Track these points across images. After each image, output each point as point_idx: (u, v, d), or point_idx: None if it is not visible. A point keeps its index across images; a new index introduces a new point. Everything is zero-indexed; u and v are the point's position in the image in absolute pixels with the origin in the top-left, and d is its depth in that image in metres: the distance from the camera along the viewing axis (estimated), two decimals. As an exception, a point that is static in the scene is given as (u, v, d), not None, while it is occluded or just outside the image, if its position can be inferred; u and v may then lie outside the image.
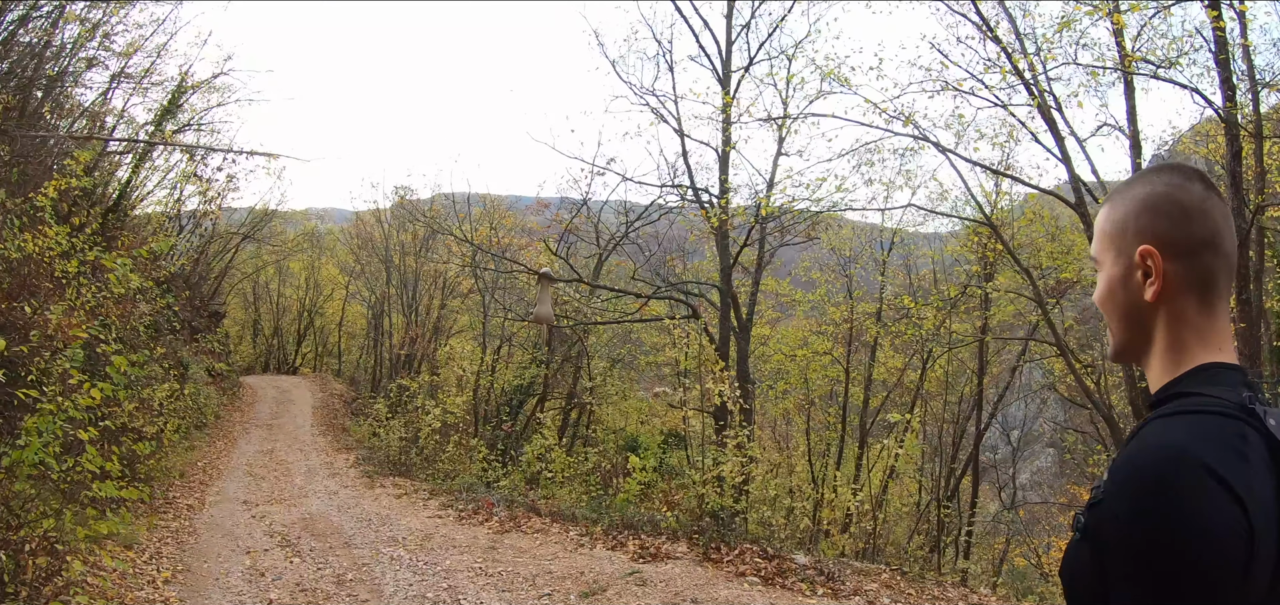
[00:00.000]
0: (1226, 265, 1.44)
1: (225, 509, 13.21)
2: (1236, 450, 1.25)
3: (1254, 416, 1.29)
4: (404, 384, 20.69)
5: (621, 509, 12.36)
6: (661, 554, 10.33)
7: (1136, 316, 1.48)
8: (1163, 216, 1.45)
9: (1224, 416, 1.29)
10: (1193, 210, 1.43)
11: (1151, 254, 1.43)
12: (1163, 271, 1.43)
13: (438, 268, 28.78)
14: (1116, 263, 1.50)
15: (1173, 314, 1.44)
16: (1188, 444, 1.26)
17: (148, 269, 18.92)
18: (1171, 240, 1.43)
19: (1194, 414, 1.31)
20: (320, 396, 29.00)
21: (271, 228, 33.22)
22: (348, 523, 12.47)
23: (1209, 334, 1.43)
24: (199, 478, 15.53)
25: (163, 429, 13.96)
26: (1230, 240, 1.45)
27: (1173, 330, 1.44)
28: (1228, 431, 1.27)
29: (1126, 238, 1.48)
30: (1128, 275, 1.48)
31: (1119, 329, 1.53)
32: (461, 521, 12.44)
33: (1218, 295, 1.44)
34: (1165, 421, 1.33)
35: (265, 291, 38.90)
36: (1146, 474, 1.26)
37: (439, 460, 17.45)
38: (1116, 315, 1.52)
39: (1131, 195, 1.50)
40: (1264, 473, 1.25)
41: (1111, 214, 1.53)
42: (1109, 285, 1.52)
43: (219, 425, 21.63)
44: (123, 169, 21.68)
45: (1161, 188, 1.47)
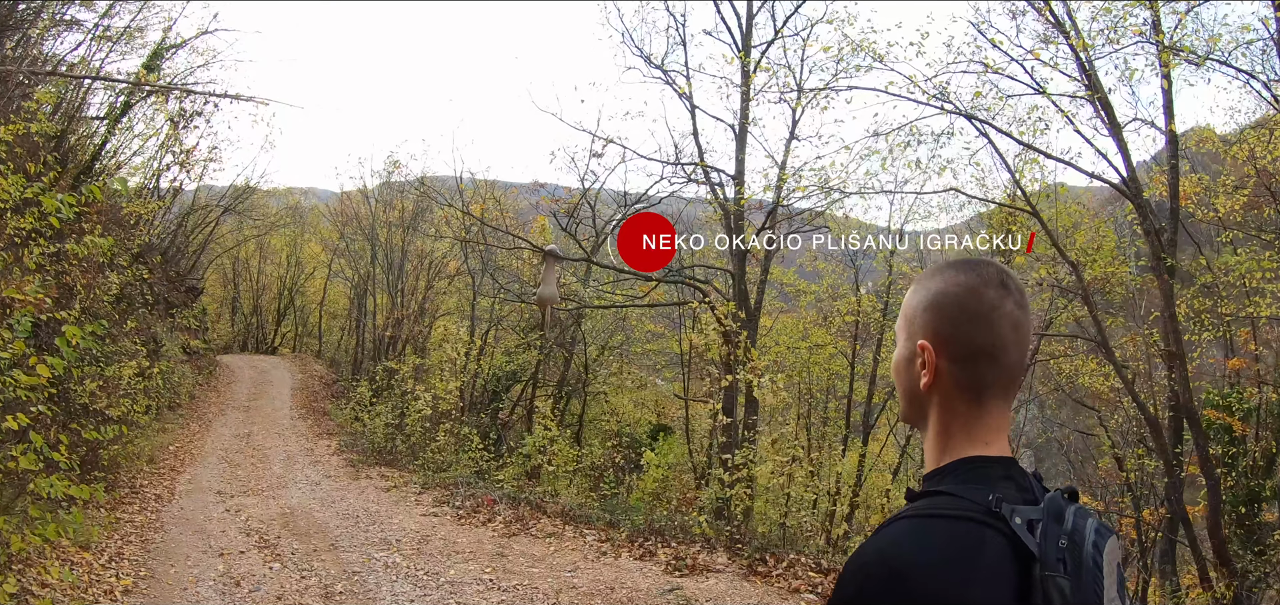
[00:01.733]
0: (1004, 373, 1.44)
1: (197, 500, 11.74)
2: (964, 557, 1.27)
3: (999, 518, 1.29)
4: (391, 367, 19.20)
5: (638, 510, 11.00)
6: (700, 566, 8.99)
7: (913, 398, 1.50)
8: (946, 318, 1.45)
9: (964, 521, 1.30)
10: (979, 316, 1.43)
11: (926, 349, 1.45)
12: (935, 367, 1.45)
13: (425, 246, 27.21)
14: (904, 345, 1.52)
15: (943, 405, 1.45)
16: (904, 553, 1.28)
17: (120, 236, 17.35)
18: (947, 340, 1.44)
19: (929, 518, 1.33)
20: (300, 378, 27.40)
21: (253, 202, 31.48)
22: (333, 520, 11.03)
23: (976, 429, 1.43)
24: (169, 464, 14.03)
25: (129, 411, 12.41)
26: (1016, 348, 1.45)
27: (942, 419, 1.46)
28: (958, 537, 1.29)
29: (913, 326, 1.50)
30: (910, 360, 1.50)
31: (903, 401, 1.55)
32: (461, 521, 11.02)
33: (991, 397, 1.44)
34: (900, 524, 1.33)
35: (245, 268, 37.09)
36: (858, 575, 1.30)
37: (427, 449, 15.98)
38: (901, 390, 1.55)
39: (929, 287, 1.50)
40: (999, 575, 1.26)
41: (911, 298, 1.53)
42: (897, 360, 1.54)
43: (193, 406, 20.05)
44: (98, 133, 19.99)
45: (954, 289, 1.46)
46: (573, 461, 14.55)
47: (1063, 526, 1.31)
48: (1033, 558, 1.27)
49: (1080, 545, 1.29)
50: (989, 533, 1.29)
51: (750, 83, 16.27)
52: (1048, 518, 1.31)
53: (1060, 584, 1.26)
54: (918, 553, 1.27)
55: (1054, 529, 1.30)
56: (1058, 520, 1.31)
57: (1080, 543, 1.29)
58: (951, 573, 1.25)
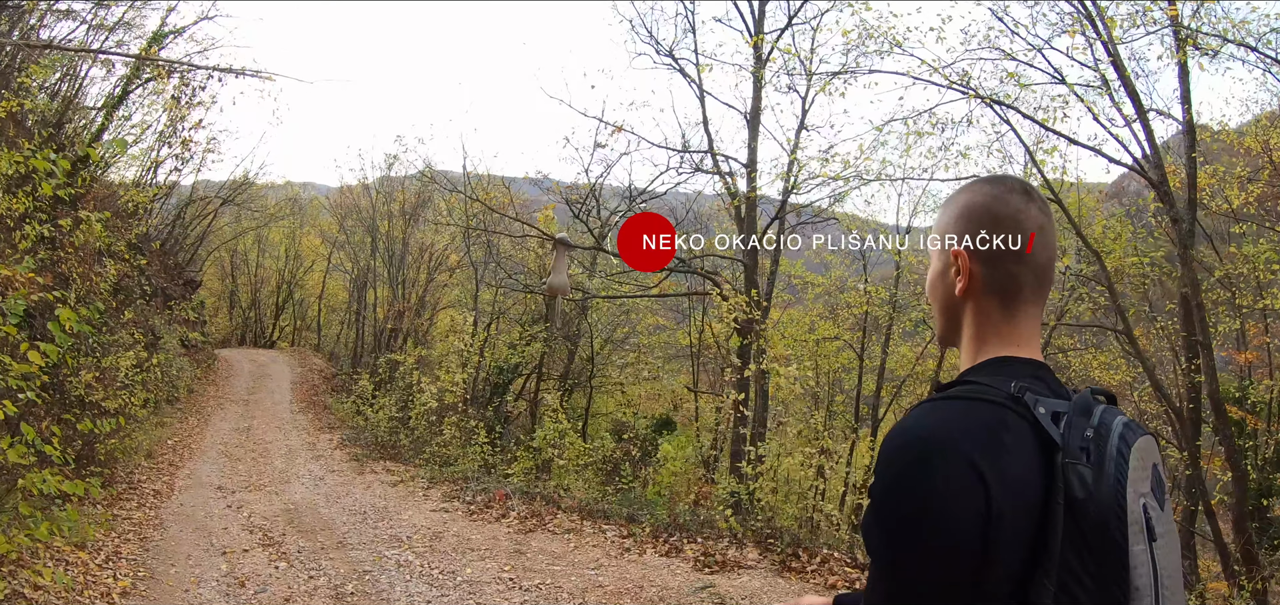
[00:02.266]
0: (1032, 273, 1.48)
1: (197, 496, 11.22)
2: (990, 435, 1.27)
3: (1022, 405, 1.31)
4: (394, 359, 18.66)
5: (657, 504, 10.50)
6: (730, 562, 8.48)
7: (949, 308, 1.54)
8: (975, 223, 1.49)
9: (986, 403, 1.32)
10: (1005, 220, 1.48)
11: (960, 255, 1.50)
12: (969, 272, 1.49)
13: (427, 238, 26.67)
14: (938, 259, 1.57)
15: (977, 310, 1.49)
16: (935, 428, 1.30)
17: (117, 225, 16.79)
18: (981, 247, 1.48)
19: (956, 400, 1.35)
20: (299, 372, 26.82)
21: (251, 194, 30.83)
22: (339, 516, 10.51)
23: (1008, 331, 1.47)
24: (168, 458, 13.51)
25: (127, 403, 11.87)
26: (1044, 251, 1.48)
27: (976, 324, 1.49)
28: (984, 417, 1.30)
29: (950, 234, 1.52)
30: (944, 271, 1.54)
31: (938, 317, 1.58)
32: (473, 517, 10.50)
33: (1021, 299, 1.48)
34: (929, 406, 1.36)
35: (243, 261, 36.38)
36: (896, 453, 1.30)
37: (432, 442, 15.45)
38: (936, 305, 1.58)
39: (957, 201, 1.55)
40: (1024, 456, 1.28)
41: (942, 216, 1.57)
42: (931, 278, 1.59)
43: (192, 400, 19.49)
44: (96, 123, 19.39)
45: (980, 198, 1.52)
46: (584, 455, 14.03)
47: (1089, 420, 1.31)
48: (1055, 446, 1.28)
49: (1106, 437, 1.29)
50: (1010, 415, 1.30)
51: (763, 69, 15.77)
52: (1074, 411, 1.32)
53: (1081, 472, 1.26)
54: (938, 425, 1.30)
55: (1080, 421, 1.31)
56: (1084, 414, 1.32)
57: (1105, 436, 1.29)
58: (971, 442, 1.25)
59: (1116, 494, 1.26)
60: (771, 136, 16.71)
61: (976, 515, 1.22)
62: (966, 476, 1.23)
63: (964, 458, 1.24)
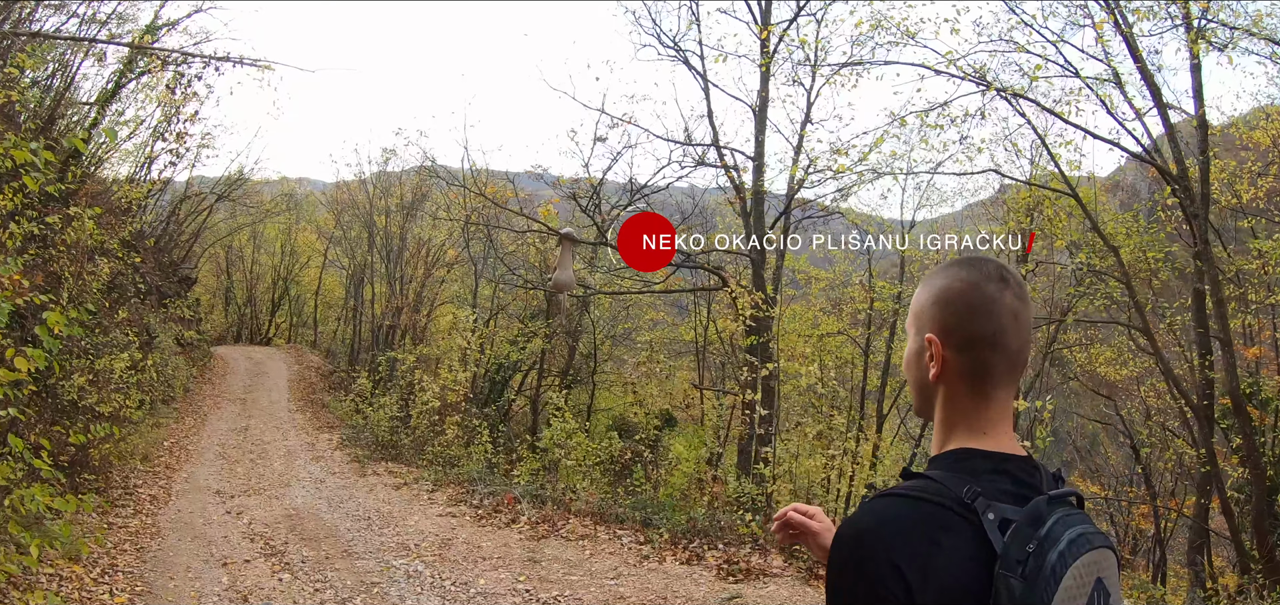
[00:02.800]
0: (1005, 360, 1.47)
1: (195, 501, 10.77)
2: (925, 536, 1.29)
3: (970, 511, 1.31)
4: (395, 356, 18.18)
5: (670, 507, 10.09)
6: (754, 570, 8.08)
7: (923, 389, 1.53)
8: (951, 311, 1.48)
9: (930, 504, 1.33)
10: (979, 308, 1.46)
11: (934, 342, 1.48)
12: (942, 358, 1.47)
13: (424, 233, 26.17)
14: (913, 340, 1.55)
15: (948, 395, 1.48)
16: (873, 525, 1.33)
17: (110, 222, 16.29)
18: (952, 332, 1.47)
19: (901, 498, 1.36)
20: (296, 369, 26.33)
21: (246, 190, 30.24)
22: (343, 522, 10.07)
23: (976, 418, 1.46)
24: (164, 461, 13.06)
25: (122, 406, 11.40)
26: (1017, 338, 1.47)
27: (946, 409, 1.49)
28: (923, 519, 1.32)
29: (922, 321, 1.52)
30: (919, 353, 1.52)
31: (914, 395, 1.58)
32: (481, 522, 10.08)
33: (992, 384, 1.46)
34: (876, 501, 1.39)
35: (239, 258, 35.74)
36: (838, 545, 1.35)
37: (434, 443, 15.00)
38: (912, 383, 1.57)
39: (934, 284, 1.53)
40: (962, 561, 1.28)
41: (919, 296, 1.56)
42: (908, 356, 1.57)
43: (188, 400, 19.00)
44: (88, 118, 18.85)
45: (956, 284, 1.49)
46: (592, 455, 13.58)
47: (1036, 530, 1.30)
48: (993, 556, 1.28)
49: (1046, 552, 1.28)
50: (957, 520, 1.31)
51: (770, 61, 15.35)
52: (1025, 520, 1.32)
53: (1012, 584, 1.26)
54: (878, 524, 1.33)
55: (1027, 531, 1.30)
56: (1034, 524, 1.31)
57: (1047, 550, 1.29)
58: (905, 548, 1.28)
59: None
60: (778, 131, 16.24)
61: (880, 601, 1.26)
62: (889, 577, 1.26)
63: (889, 559, 1.27)
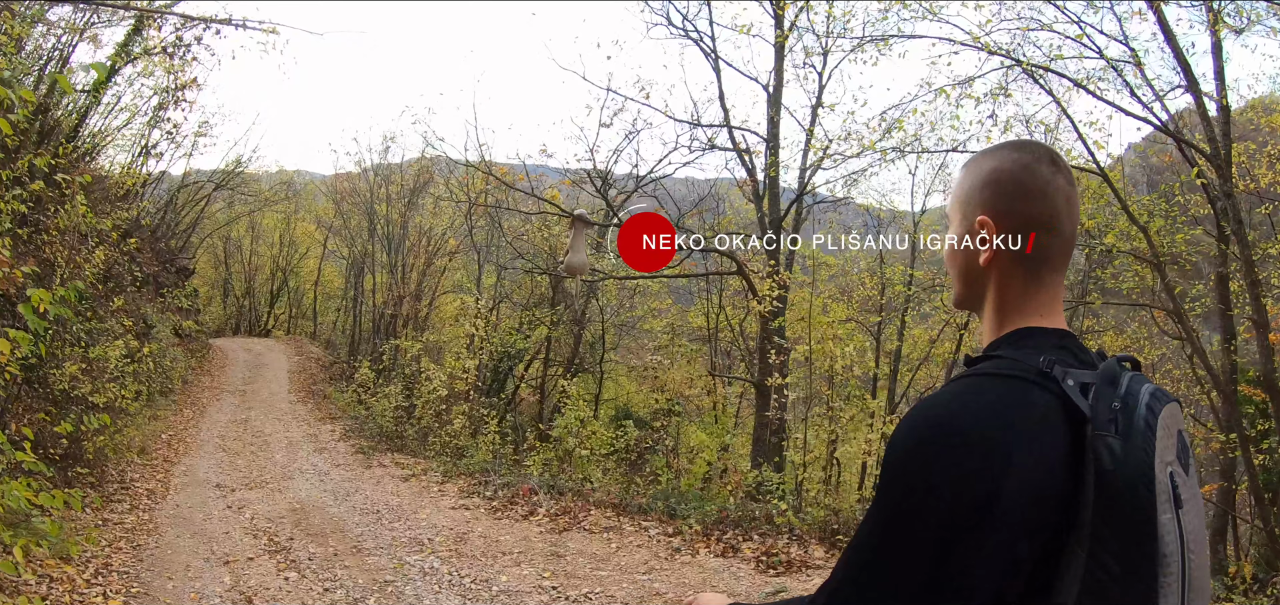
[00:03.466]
0: (1061, 244, 1.43)
1: (194, 495, 10.16)
2: (1010, 412, 1.24)
3: (1050, 379, 1.27)
4: (399, 345, 17.56)
5: (695, 498, 9.51)
6: (795, 562, 7.51)
7: (971, 277, 1.48)
8: (1003, 193, 1.43)
9: (1012, 378, 1.28)
10: (1033, 190, 1.42)
11: (986, 224, 1.43)
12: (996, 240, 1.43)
13: (425, 222, 25.52)
14: (959, 226, 1.49)
15: (1002, 280, 1.43)
16: (951, 408, 1.27)
17: (106, 209, 15.64)
18: (1007, 215, 1.42)
19: (978, 377, 1.31)
20: (296, 361, 25.70)
21: (243, 179, 29.50)
22: (351, 516, 9.47)
23: (1032, 301, 1.41)
24: (162, 453, 12.44)
25: (117, 396, 10.78)
26: (1069, 222, 1.43)
27: (1000, 293, 1.44)
28: (1005, 395, 1.26)
29: (970, 206, 1.47)
30: (968, 238, 1.47)
31: (958, 284, 1.52)
32: (497, 514, 9.47)
33: (1047, 268, 1.42)
34: (954, 383, 1.33)
35: (237, 249, 35.01)
36: (908, 430, 1.26)
37: (439, 433, 14.39)
38: (956, 272, 1.52)
39: (981, 167, 1.48)
40: (1048, 431, 1.23)
41: (963, 181, 1.51)
42: (952, 245, 1.51)
43: (186, 391, 18.38)
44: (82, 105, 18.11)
45: (1007, 165, 1.45)
46: (606, 443, 12.96)
47: (1116, 390, 1.26)
48: (1084, 418, 1.24)
49: (1133, 407, 1.24)
50: (1038, 392, 1.25)
51: (786, 37, 14.76)
52: (1101, 381, 1.28)
53: (1110, 443, 1.22)
54: (965, 408, 1.25)
55: (1107, 392, 1.26)
56: (1111, 384, 1.27)
57: (1133, 405, 1.24)
58: (997, 425, 1.22)
59: (1144, 464, 1.20)
60: (792, 115, 15.55)
61: (986, 500, 1.17)
62: (985, 459, 1.19)
63: (984, 438, 1.20)
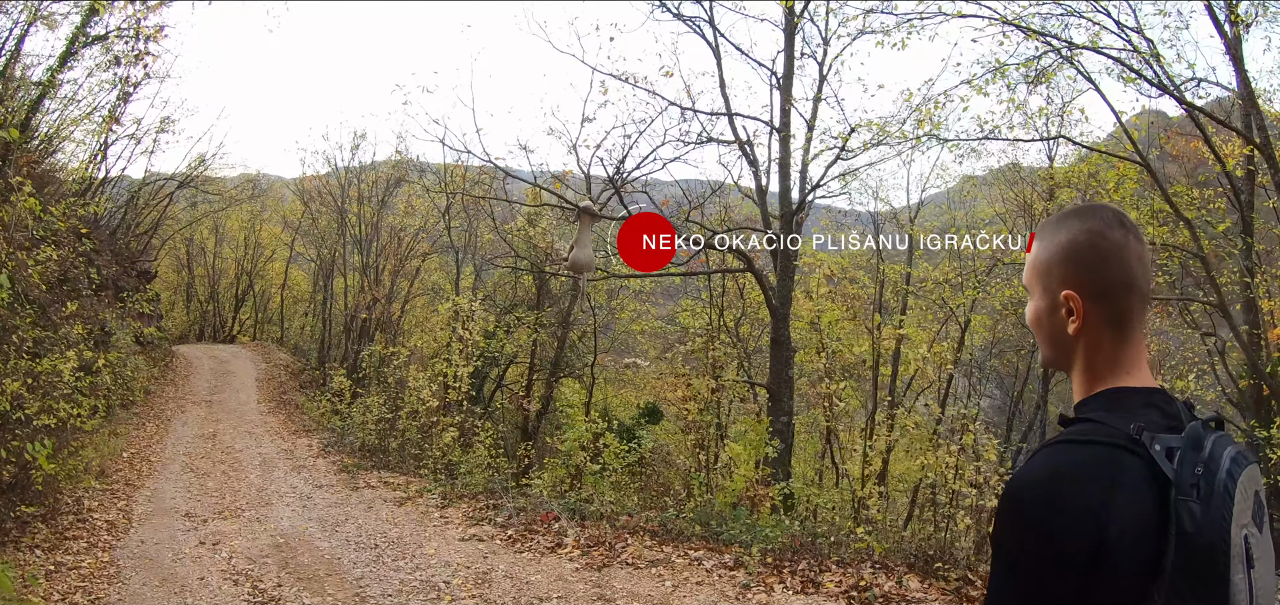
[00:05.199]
0: (1140, 301, 1.48)
1: (161, 528, 8.63)
2: (1104, 477, 1.30)
3: (1138, 445, 1.32)
4: (381, 352, 15.98)
5: (739, 518, 8.17)
6: (891, 596, 6.18)
7: (1060, 343, 1.51)
8: (1083, 264, 1.47)
9: (1105, 446, 1.33)
10: (1110, 256, 1.46)
11: (1073, 298, 1.47)
12: (1083, 312, 1.47)
13: (399, 223, 23.91)
14: (1043, 297, 1.53)
15: (1090, 344, 1.47)
16: (1050, 473, 1.33)
17: (61, 207, 13.90)
18: (1089, 284, 1.47)
19: (1077, 443, 1.36)
20: (264, 368, 23.96)
21: (206, 177, 27.53)
22: (345, 552, 7.99)
23: (1120, 360, 1.46)
24: (123, 476, 10.89)
25: (70, 416, 9.15)
26: (1144, 278, 1.48)
27: (1089, 357, 1.47)
28: (1099, 460, 1.32)
29: (1052, 278, 1.51)
30: (1053, 309, 1.51)
31: (1046, 349, 1.55)
32: (516, 546, 8.03)
33: (1131, 326, 1.47)
34: (1053, 448, 1.37)
35: (200, 252, 33.01)
36: (1016, 499, 1.34)
37: (429, 448, 12.86)
38: (1043, 338, 1.55)
39: (1056, 239, 1.52)
40: (1139, 494, 1.29)
41: (1039, 253, 1.55)
42: (1036, 314, 1.55)
43: (149, 403, 16.68)
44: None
45: (1082, 236, 1.49)
46: (620, 459, 11.53)
47: (1200, 453, 1.31)
48: (1169, 482, 1.29)
49: (1214, 472, 1.30)
50: (1128, 457, 1.31)
51: (796, 22, 13.49)
52: (1187, 445, 1.33)
53: (1191, 508, 1.27)
54: (1061, 472, 1.32)
55: (1192, 456, 1.31)
56: (1196, 448, 1.32)
57: (1215, 470, 1.30)
58: (1092, 490, 1.28)
59: (1222, 528, 1.27)
60: (799, 113, 14.20)
61: (1083, 552, 1.25)
62: (1077, 523, 1.26)
63: (1075, 504, 1.27)
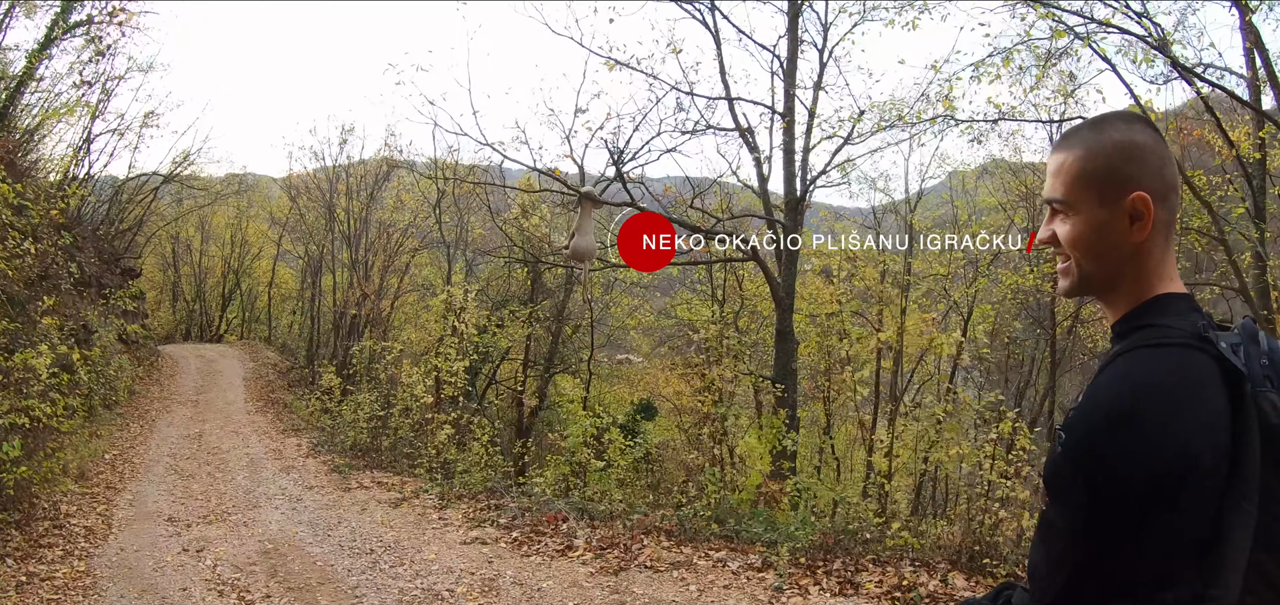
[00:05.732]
0: (1179, 205, 1.48)
1: (143, 534, 8.05)
2: (1190, 378, 1.26)
3: (1206, 343, 1.30)
4: (371, 347, 15.37)
5: (760, 516, 7.65)
6: (937, 597, 5.68)
7: (1116, 256, 1.43)
8: (1148, 165, 1.41)
9: (1183, 347, 1.30)
10: (1165, 158, 1.43)
11: (1144, 200, 1.39)
12: (1152, 216, 1.40)
13: (388, 216, 23.28)
14: (1098, 206, 1.42)
15: (1145, 253, 1.42)
16: (1140, 381, 1.28)
17: (41, 203, 13.29)
18: (1157, 186, 1.40)
19: (1153, 348, 1.32)
20: (251, 366, 23.30)
21: (192, 172, 26.85)
22: (339, 558, 7.42)
23: (1166, 268, 1.43)
24: (104, 478, 10.27)
25: (48, 417, 8.53)
26: (1178, 180, 1.45)
27: (1143, 267, 1.43)
28: (1182, 361, 1.28)
29: (1112, 182, 1.41)
30: (1115, 219, 1.41)
31: (1094, 267, 1.45)
32: (522, 550, 7.47)
33: (1172, 231, 1.45)
34: (1133, 355, 1.33)
35: (186, 250, 32.25)
36: (1089, 417, 1.28)
37: (424, 446, 12.29)
38: (1093, 255, 1.45)
39: (1107, 141, 1.43)
40: (1216, 393, 1.26)
41: (1088, 159, 1.43)
42: (1091, 227, 1.43)
43: (133, 403, 16.01)
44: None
45: (1139, 138, 1.43)
46: (625, 454, 10.96)
47: (1260, 347, 1.33)
48: (1241, 376, 1.26)
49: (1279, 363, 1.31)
50: (1200, 355, 1.28)
51: (801, 2, 12.98)
52: (1246, 340, 1.33)
53: (1271, 398, 1.27)
54: (1150, 378, 1.27)
55: (1254, 350, 1.32)
56: (1255, 342, 1.33)
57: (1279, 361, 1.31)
58: (1182, 393, 1.24)
59: None
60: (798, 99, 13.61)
61: (1195, 457, 1.20)
62: (1182, 421, 1.22)
63: (1178, 405, 1.23)
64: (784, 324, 12.97)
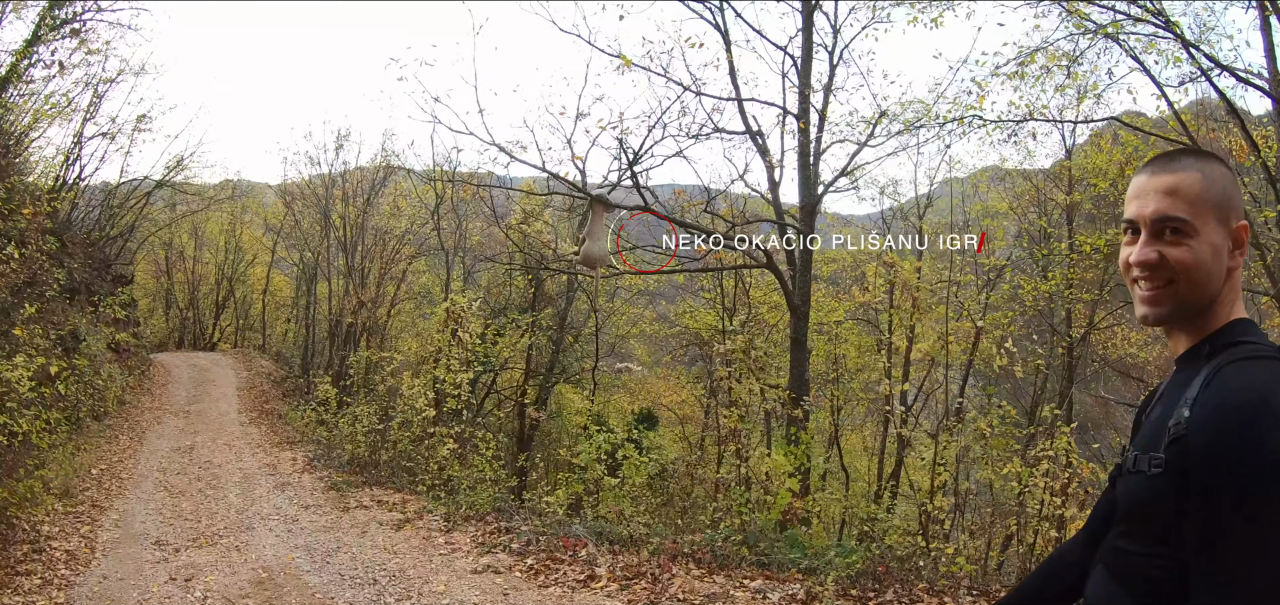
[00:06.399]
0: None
1: (127, 559, 7.40)
2: None
3: None
4: (370, 357, 14.72)
5: (794, 540, 7.05)
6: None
7: (1218, 281, 1.44)
8: (1238, 198, 1.45)
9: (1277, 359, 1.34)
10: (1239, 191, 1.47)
11: (1247, 229, 1.45)
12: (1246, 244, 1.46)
13: (385, 223, 22.66)
14: (1217, 230, 1.43)
15: (1236, 279, 1.46)
16: (1271, 384, 1.28)
17: (28, 210, 12.63)
18: (1245, 216, 1.45)
19: (1261, 359, 1.34)
20: (245, 376, 22.60)
21: (185, 178, 26.16)
22: (339, 590, 6.80)
23: (1238, 291, 1.47)
24: (90, 495, 9.63)
25: (28, 431, 7.87)
26: None
27: (1229, 288, 1.45)
28: None
29: (1231, 210, 1.44)
30: (1224, 244, 1.43)
31: (1200, 292, 1.44)
32: (540, 579, 6.84)
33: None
34: (1241, 366, 1.33)
35: (180, 257, 31.53)
36: (1246, 412, 1.26)
37: (426, 461, 11.64)
38: (1203, 278, 1.43)
39: (1217, 169, 1.45)
40: None
41: (1212, 184, 1.43)
42: (1212, 251, 1.42)
43: (123, 413, 15.34)
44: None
45: (1226, 172, 1.45)
46: (641, 471, 10.31)
47: None
48: None
49: None
50: None
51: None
52: None
53: None
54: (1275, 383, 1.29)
55: None
56: None
57: None
58: None
59: None
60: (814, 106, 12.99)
61: None
62: None
63: None
64: (798, 332, 12.37)
